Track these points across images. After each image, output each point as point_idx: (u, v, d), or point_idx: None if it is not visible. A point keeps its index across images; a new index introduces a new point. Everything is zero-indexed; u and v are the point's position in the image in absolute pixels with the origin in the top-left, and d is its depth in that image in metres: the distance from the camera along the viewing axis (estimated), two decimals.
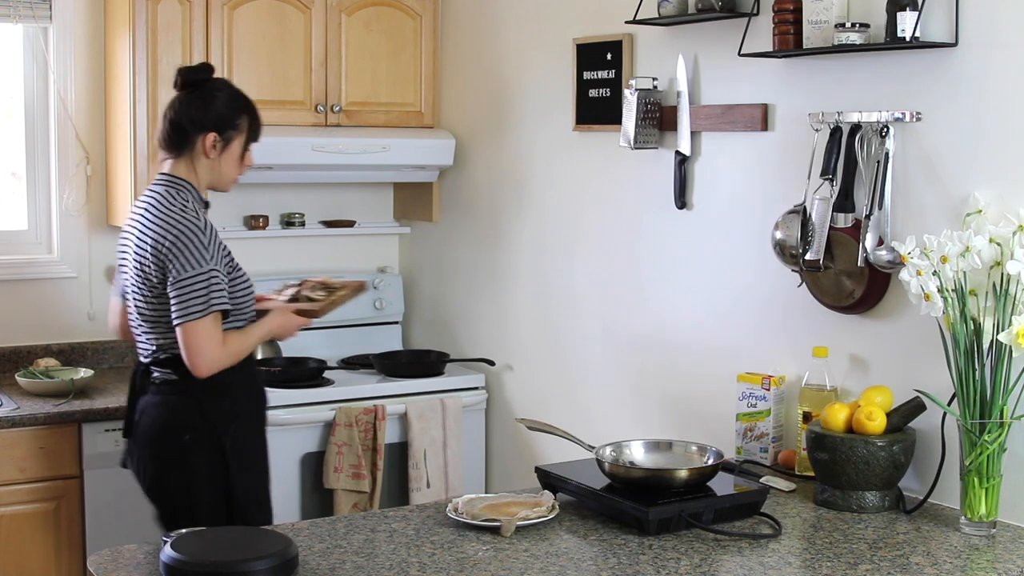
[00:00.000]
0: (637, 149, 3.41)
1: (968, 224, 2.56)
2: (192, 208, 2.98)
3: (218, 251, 2.95)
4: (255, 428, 3.17)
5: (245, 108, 3.11)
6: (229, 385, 3.03)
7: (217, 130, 3.04)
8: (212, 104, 3.06)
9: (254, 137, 3.14)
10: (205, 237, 2.93)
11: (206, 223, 2.97)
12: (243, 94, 3.15)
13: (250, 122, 3.11)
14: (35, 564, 3.58)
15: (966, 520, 2.51)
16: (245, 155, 3.12)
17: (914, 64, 2.74)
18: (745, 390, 3.05)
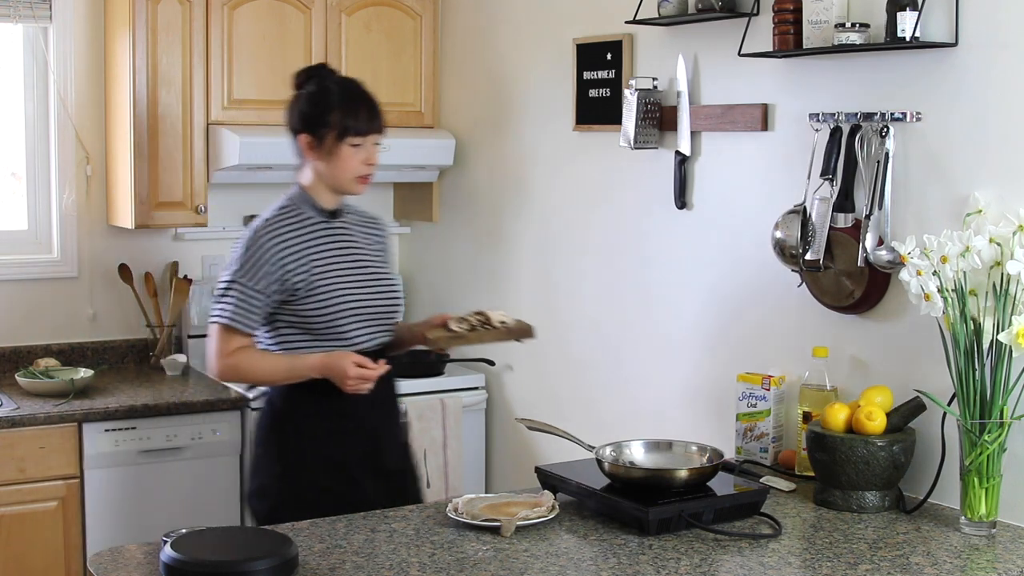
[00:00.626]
0: (637, 149, 3.41)
1: (968, 224, 2.56)
2: (275, 217, 2.89)
3: (261, 266, 2.81)
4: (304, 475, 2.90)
5: (336, 103, 2.87)
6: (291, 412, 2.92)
7: (308, 130, 2.88)
8: (297, 104, 2.92)
9: (352, 131, 2.86)
10: (249, 250, 2.83)
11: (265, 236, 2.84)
12: (339, 88, 2.91)
13: (343, 116, 2.86)
14: (35, 564, 3.58)
15: (966, 520, 2.51)
16: (350, 151, 2.87)
17: (914, 64, 2.73)
18: (745, 390, 3.05)
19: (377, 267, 2.99)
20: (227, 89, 4.04)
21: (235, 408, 3.85)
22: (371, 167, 2.90)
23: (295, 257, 2.84)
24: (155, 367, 4.21)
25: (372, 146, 2.89)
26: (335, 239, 2.93)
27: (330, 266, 2.88)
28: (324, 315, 2.84)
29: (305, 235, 2.89)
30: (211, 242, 4.38)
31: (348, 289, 2.88)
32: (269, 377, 2.89)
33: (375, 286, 2.94)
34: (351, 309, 2.87)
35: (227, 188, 4.30)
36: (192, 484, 3.78)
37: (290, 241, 2.86)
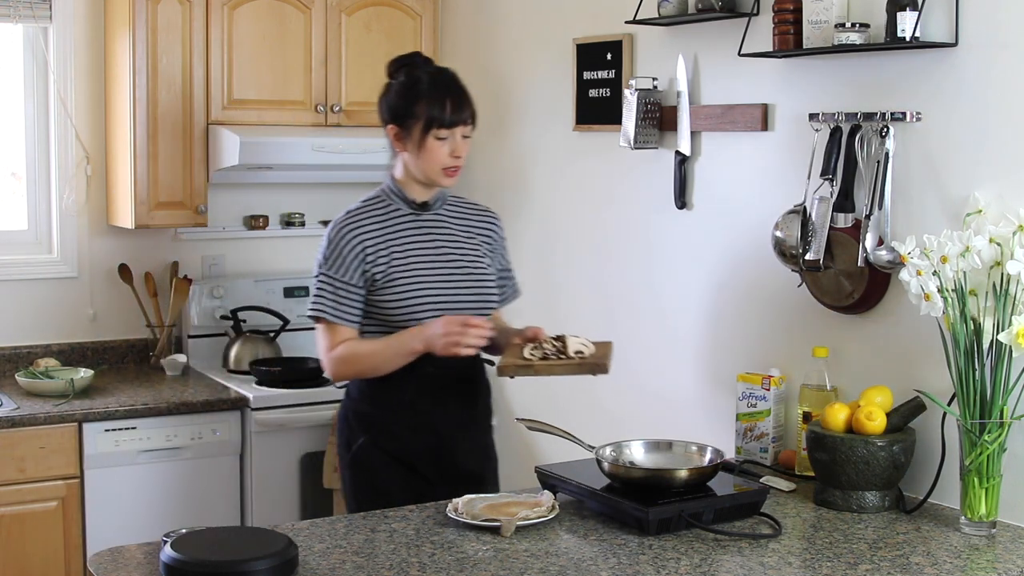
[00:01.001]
0: (637, 149, 3.41)
1: (968, 224, 2.56)
2: (358, 208, 2.88)
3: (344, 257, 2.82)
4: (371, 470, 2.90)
5: (423, 93, 2.84)
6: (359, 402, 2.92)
7: (395, 121, 2.87)
8: (387, 95, 2.90)
9: (438, 123, 2.82)
10: (332, 242, 2.84)
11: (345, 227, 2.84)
12: (428, 79, 2.88)
13: (429, 107, 2.82)
14: (35, 564, 3.58)
15: (966, 520, 2.51)
16: (436, 143, 2.83)
17: (914, 64, 2.73)
18: (745, 390, 3.05)
19: (469, 262, 2.93)
20: (227, 89, 4.04)
21: (235, 408, 3.85)
22: (458, 159, 2.87)
23: (375, 247, 2.83)
24: (155, 367, 4.21)
25: (460, 138, 2.86)
26: (423, 232, 2.90)
27: (412, 258, 2.85)
28: (400, 308, 2.82)
29: (389, 226, 2.87)
30: (211, 242, 4.38)
31: (429, 283, 2.85)
32: (372, 360, 2.83)
33: (461, 281, 2.89)
34: (429, 303, 2.84)
35: (227, 188, 4.31)
36: (192, 484, 3.78)
37: (371, 232, 2.84)
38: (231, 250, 4.44)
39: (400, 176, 2.91)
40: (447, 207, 2.98)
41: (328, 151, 4.10)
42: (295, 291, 4.42)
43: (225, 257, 4.44)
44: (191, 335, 4.29)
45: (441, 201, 2.97)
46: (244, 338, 4.23)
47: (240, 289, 4.34)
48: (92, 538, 3.62)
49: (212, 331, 4.31)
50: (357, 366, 2.84)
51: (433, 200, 2.94)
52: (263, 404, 3.85)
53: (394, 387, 2.85)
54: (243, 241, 4.46)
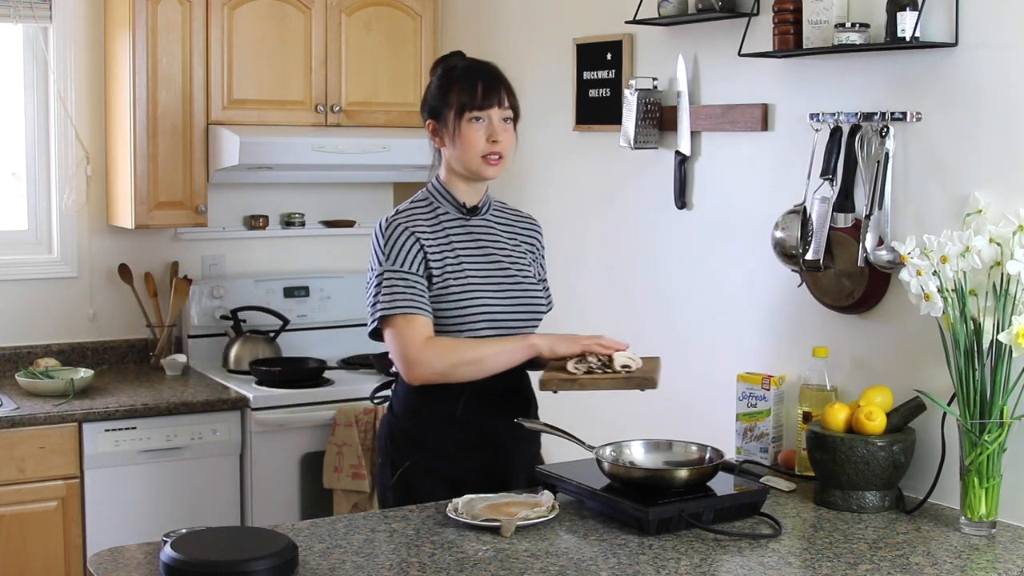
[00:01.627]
0: (637, 149, 3.42)
1: (968, 224, 2.56)
2: (407, 208, 2.75)
3: (404, 249, 2.68)
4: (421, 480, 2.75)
5: (454, 80, 2.73)
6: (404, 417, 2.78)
7: (432, 116, 2.76)
8: (427, 92, 2.79)
9: (469, 105, 2.69)
10: (387, 239, 2.70)
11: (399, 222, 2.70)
12: (462, 67, 2.76)
13: (460, 92, 2.70)
14: (35, 564, 3.58)
15: (966, 520, 2.51)
16: (470, 127, 2.69)
17: (914, 64, 2.73)
18: (745, 390, 3.05)
19: (518, 270, 2.81)
20: (227, 89, 4.04)
21: (235, 408, 3.85)
22: (496, 144, 2.70)
23: (430, 246, 2.71)
24: (155, 367, 4.21)
25: (498, 122, 2.71)
26: (473, 238, 2.78)
27: (465, 265, 2.73)
28: (454, 317, 2.69)
29: (439, 230, 2.74)
30: (211, 242, 4.38)
31: (483, 293, 2.72)
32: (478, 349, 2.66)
33: (513, 292, 2.78)
34: (484, 315, 2.71)
35: (227, 188, 4.31)
36: (192, 484, 3.78)
37: (424, 230, 2.72)
38: (231, 250, 4.44)
39: (444, 176, 2.79)
40: (494, 213, 2.86)
41: (328, 151, 4.10)
42: (295, 291, 4.42)
43: (225, 257, 4.44)
44: (191, 335, 4.29)
45: (489, 206, 2.85)
46: (244, 338, 4.23)
47: (240, 289, 4.34)
48: (92, 538, 3.62)
49: (212, 331, 4.31)
50: (459, 355, 2.65)
51: (482, 204, 2.82)
52: (263, 404, 3.85)
53: (442, 401, 2.71)
54: (243, 241, 4.46)
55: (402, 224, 2.71)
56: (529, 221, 2.95)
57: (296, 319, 4.38)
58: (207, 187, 4.06)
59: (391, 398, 2.86)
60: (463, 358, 2.65)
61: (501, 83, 2.75)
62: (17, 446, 3.53)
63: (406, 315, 2.65)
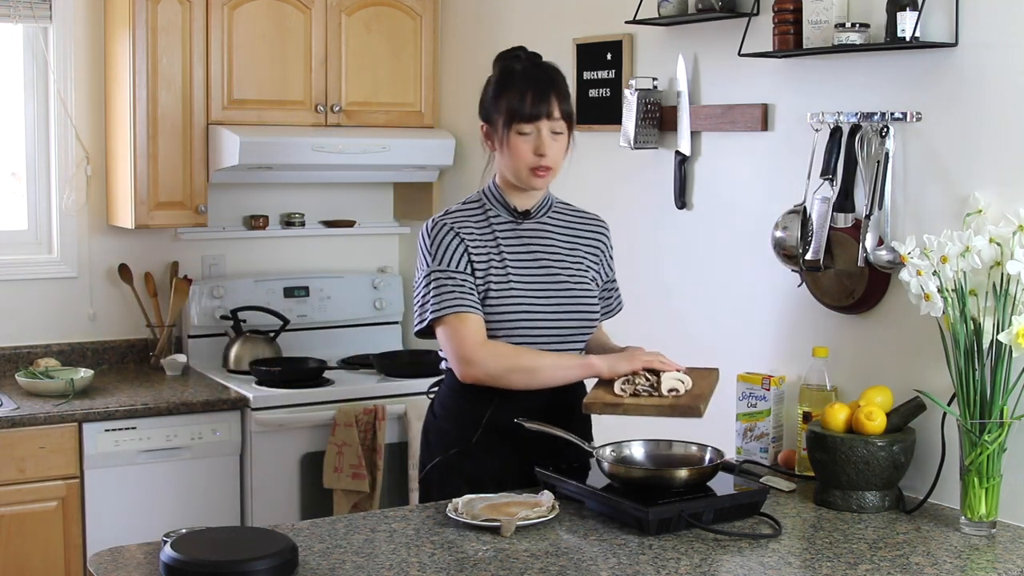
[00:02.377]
0: (637, 149, 3.42)
1: (968, 224, 2.56)
2: (457, 210, 2.73)
3: (451, 250, 2.66)
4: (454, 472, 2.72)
5: (507, 86, 2.66)
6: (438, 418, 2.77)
7: (484, 119, 2.72)
8: (483, 94, 2.74)
9: (518, 116, 2.62)
10: (434, 239, 2.67)
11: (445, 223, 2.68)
12: (520, 70, 2.68)
13: (510, 100, 2.63)
14: (35, 564, 3.58)
15: (966, 520, 2.51)
16: (518, 139, 2.64)
17: (914, 64, 2.73)
18: (745, 390, 3.05)
19: (570, 277, 2.75)
20: (227, 89, 4.04)
21: (235, 408, 3.85)
22: (543, 158, 2.65)
23: (476, 250, 2.68)
24: (155, 367, 4.21)
25: (546, 134, 2.64)
26: (523, 243, 2.73)
27: (509, 271, 2.69)
28: (492, 323, 2.66)
29: (488, 234, 2.71)
30: (211, 242, 4.38)
31: (525, 300, 2.68)
32: (531, 361, 2.60)
33: (560, 300, 2.72)
34: (528, 325, 2.67)
35: (227, 188, 4.31)
36: (192, 484, 3.78)
37: (471, 234, 2.69)
38: (231, 250, 4.44)
39: (499, 179, 2.75)
40: (552, 215, 2.80)
41: (328, 151, 4.10)
42: (295, 291, 4.42)
43: (225, 257, 4.44)
44: (191, 335, 4.29)
45: (546, 209, 2.79)
46: (244, 338, 4.23)
47: (240, 289, 4.34)
48: (92, 538, 3.62)
49: (212, 331, 4.31)
50: (515, 361, 2.60)
51: (536, 208, 2.76)
52: (263, 404, 3.85)
53: (479, 404, 2.68)
54: (243, 241, 4.46)
55: (447, 224, 2.69)
56: (593, 221, 2.89)
57: (296, 319, 4.38)
58: (207, 187, 4.06)
59: (433, 399, 2.85)
60: (518, 365, 2.62)
61: (553, 92, 2.66)
62: (17, 446, 3.53)
63: (458, 314, 2.63)
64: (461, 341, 2.63)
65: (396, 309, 4.61)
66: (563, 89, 2.69)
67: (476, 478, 2.67)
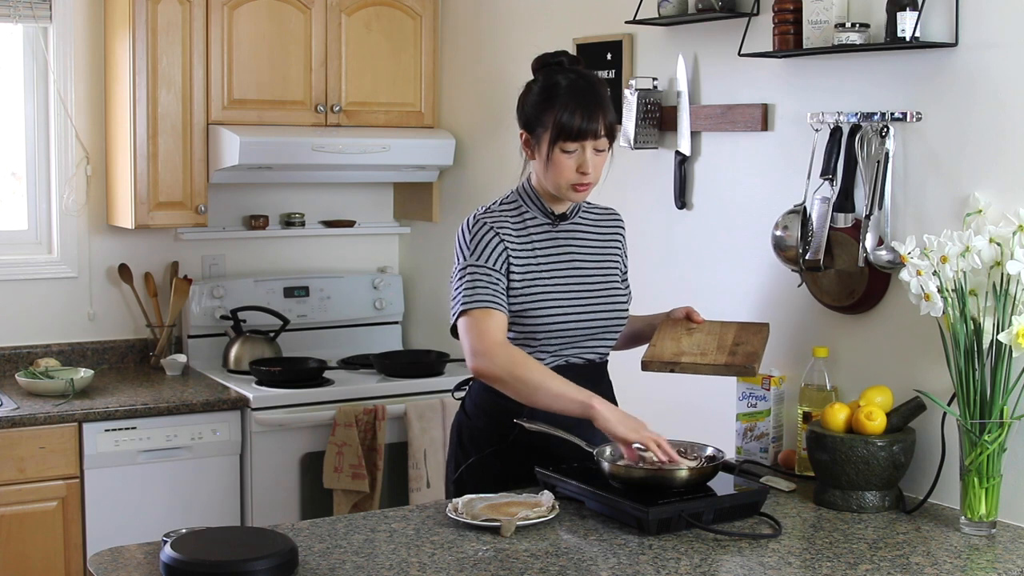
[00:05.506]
0: (637, 149, 3.42)
1: (968, 224, 2.56)
2: (495, 208, 2.74)
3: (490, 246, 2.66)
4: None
5: (554, 100, 2.64)
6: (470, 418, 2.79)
7: (527, 128, 2.72)
8: (526, 98, 2.73)
9: (564, 135, 2.62)
10: (474, 235, 2.68)
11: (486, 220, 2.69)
12: (566, 85, 2.66)
13: (558, 117, 2.62)
14: (35, 564, 3.58)
15: (966, 520, 2.51)
16: (562, 156, 2.64)
17: (914, 64, 2.73)
18: (745, 390, 3.05)
19: (603, 275, 2.78)
20: (227, 89, 4.04)
21: (235, 408, 3.85)
22: (585, 175, 2.65)
23: (514, 249, 2.68)
24: (155, 367, 4.21)
25: (591, 152, 2.64)
26: (558, 244, 2.75)
27: (546, 276, 2.71)
28: (528, 326, 2.68)
29: (524, 234, 2.72)
30: (211, 242, 4.38)
31: (561, 305, 2.70)
32: (537, 379, 2.58)
33: (595, 301, 2.74)
34: (559, 327, 2.69)
35: (227, 188, 4.31)
36: (192, 484, 3.78)
37: (509, 233, 2.69)
38: (231, 250, 4.44)
39: (535, 182, 2.76)
40: (582, 215, 2.82)
41: (328, 151, 4.10)
42: (295, 291, 4.42)
43: (225, 257, 4.44)
44: (191, 335, 4.29)
45: (577, 210, 2.80)
46: (244, 338, 4.23)
47: (240, 289, 4.34)
48: (92, 538, 3.62)
49: (212, 331, 4.31)
50: (523, 371, 2.59)
51: (570, 210, 2.78)
52: (263, 404, 3.85)
53: (513, 403, 2.66)
54: (243, 241, 4.46)
55: (488, 223, 2.70)
56: (612, 215, 2.90)
57: (296, 319, 4.38)
58: (207, 187, 4.06)
59: (464, 397, 2.86)
60: (525, 376, 2.59)
61: (601, 110, 2.64)
62: (17, 446, 3.53)
63: (485, 309, 2.63)
64: (481, 334, 2.62)
65: (396, 309, 4.61)
66: (608, 104, 2.68)
67: (510, 478, 2.67)
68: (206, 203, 4.05)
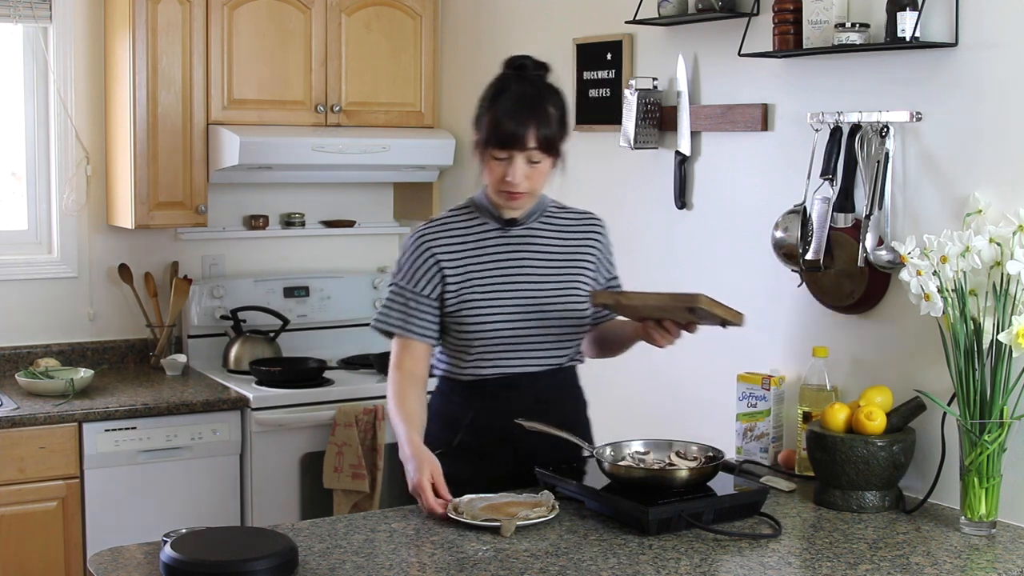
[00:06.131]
0: (637, 149, 3.42)
1: (968, 224, 2.56)
2: (442, 218, 2.71)
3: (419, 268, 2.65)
4: None
5: (493, 106, 2.59)
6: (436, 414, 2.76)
7: (474, 128, 2.66)
8: (479, 101, 2.66)
9: (493, 141, 2.57)
10: (408, 252, 2.67)
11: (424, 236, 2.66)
12: (513, 90, 2.60)
13: (490, 122, 2.57)
14: (35, 564, 3.58)
15: (966, 520, 2.51)
16: (493, 163, 2.59)
17: (914, 64, 2.73)
18: (745, 390, 3.05)
19: (559, 283, 2.70)
20: (227, 89, 4.04)
21: (235, 408, 3.85)
22: (513, 185, 2.58)
23: (452, 263, 2.65)
24: (155, 367, 4.21)
25: (520, 163, 2.57)
26: (509, 250, 2.69)
27: (490, 281, 2.66)
28: (464, 335, 2.67)
29: (471, 242, 2.68)
30: (211, 242, 4.38)
31: (504, 312, 2.65)
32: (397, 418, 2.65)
33: (548, 308, 2.68)
34: (491, 333, 2.66)
35: (227, 188, 4.31)
36: (192, 484, 3.78)
37: (450, 245, 2.66)
38: (231, 250, 4.44)
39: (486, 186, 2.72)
40: (543, 220, 2.74)
41: (328, 151, 4.10)
42: (295, 291, 4.42)
43: (225, 257, 4.44)
44: (191, 335, 4.29)
45: (537, 214, 2.73)
46: (244, 338, 4.23)
47: (240, 289, 4.34)
48: (92, 538, 3.62)
49: (212, 331, 4.31)
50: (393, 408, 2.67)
51: (525, 215, 2.71)
52: (263, 404, 3.85)
53: (463, 407, 2.71)
54: (243, 241, 4.46)
55: (425, 241, 2.67)
56: (588, 220, 2.83)
57: (296, 319, 4.38)
58: (207, 187, 4.06)
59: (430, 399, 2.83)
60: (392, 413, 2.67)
61: (534, 122, 2.56)
62: (17, 446, 3.53)
63: (399, 336, 2.70)
64: (392, 360, 2.72)
65: None
66: (548, 117, 2.59)
67: (458, 480, 2.64)
68: (206, 203, 4.05)
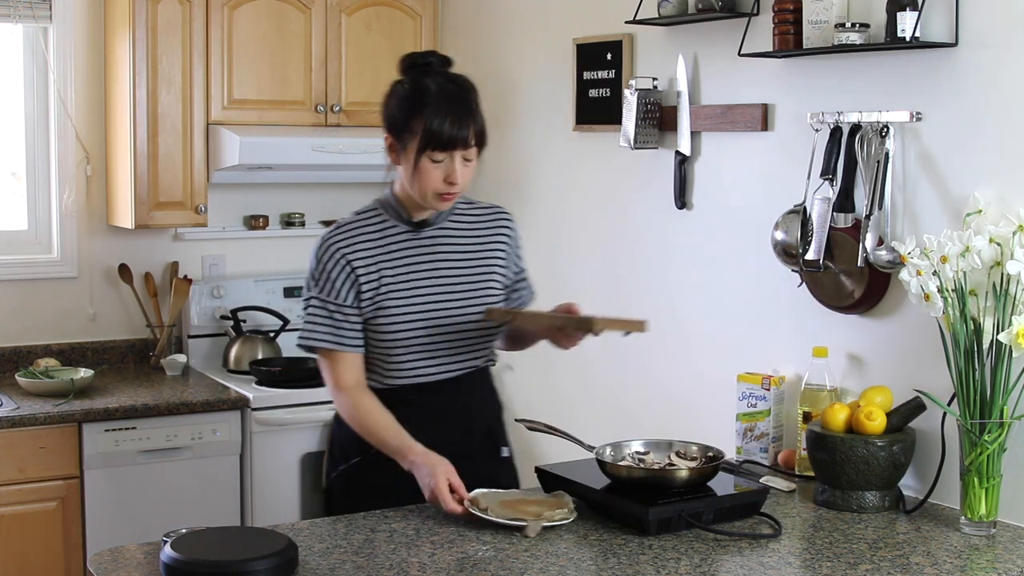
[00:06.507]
0: (637, 149, 3.42)
1: (968, 224, 2.56)
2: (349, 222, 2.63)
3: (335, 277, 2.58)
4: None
5: (422, 108, 2.51)
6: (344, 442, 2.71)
7: (392, 132, 2.57)
8: (391, 100, 2.59)
9: (433, 144, 2.50)
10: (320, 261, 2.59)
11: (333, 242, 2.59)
12: (436, 89, 2.54)
13: (426, 124, 2.49)
14: (35, 564, 3.58)
15: (966, 520, 2.51)
16: (430, 165, 2.51)
17: (914, 64, 2.73)
18: (745, 390, 3.05)
19: (473, 281, 2.67)
20: (227, 89, 4.04)
21: (235, 408, 3.85)
22: (453, 185, 2.53)
23: (365, 267, 2.58)
24: (155, 367, 4.21)
25: (459, 162, 2.53)
26: (420, 251, 2.63)
27: (404, 283, 2.61)
28: (385, 342, 2.61)
29: (381, 245, 2.61)
30: (211, 242, 4.38)
31: (420, 317, 2.60)
32: (365, 434, 2.60)
33: (464, 306, 2.64)
34: (416, 341, 2.61)
35: (227, 188, 4.31)
36: (192, 484, 3.78)
37: (361, 249, 2.60)
38: (231, 250, 4.44)
39: (399, 191, 2.64)
40: (452, 218, 2.69)
41: (328, 151, 4.10)
42: (295, 291, 4.42)
43: (225, 257, 4.44)
44: (191, 335, 4.29)
45: (447, 214, 2.68)
46: (244, 338, 4.23)
47: (240, 289, 4.34)
48: (92, 538, 3.62)
49: (212, 331, 4.31)
50: (357, 421, 2.61)
51: (434, 216, 2.66)
52: (263, 404, 3.85)
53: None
54: (243, 241, 4.46)
55: (335, 248, 2.59)
56: (496, 215, 2.76)
57: (296, 319, 4.38)
58: (207, 187, 4.06)
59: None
60: (358, 424, 2.61)
61: (471, 119, 2.54)
62: (17, 446, 3.53)
63: (328, 350, 2.62)
64: (328, 378, 2.66)
65: None
66: (478, 111, 2.57)
67: (380, 488, 2.63)
68: (206, 203, 4.05)
